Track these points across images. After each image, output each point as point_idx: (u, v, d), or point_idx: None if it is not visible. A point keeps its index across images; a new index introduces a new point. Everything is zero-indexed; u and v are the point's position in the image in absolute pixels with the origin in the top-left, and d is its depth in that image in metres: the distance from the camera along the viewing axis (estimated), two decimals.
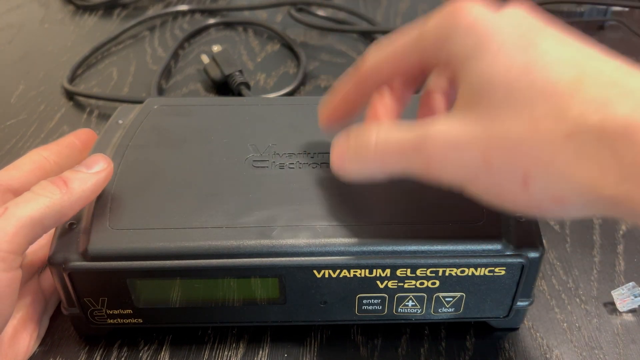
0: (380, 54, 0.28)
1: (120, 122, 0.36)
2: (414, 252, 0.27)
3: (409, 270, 0.28)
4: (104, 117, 0.50)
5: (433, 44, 0.25)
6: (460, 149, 0.23)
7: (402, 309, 0.29)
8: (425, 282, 0.28)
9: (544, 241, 0.28)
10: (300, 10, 0.64)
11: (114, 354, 0.31)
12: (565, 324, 0.32)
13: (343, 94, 0.30)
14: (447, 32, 0.24)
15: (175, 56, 0.59)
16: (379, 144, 0.25)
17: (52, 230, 0.28)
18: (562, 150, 0.20)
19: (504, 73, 0.22)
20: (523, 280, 0.28)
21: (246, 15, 0.67)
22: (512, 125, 0.21)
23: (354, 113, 0.30)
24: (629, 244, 0.37)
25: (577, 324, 0.32)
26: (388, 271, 0.28)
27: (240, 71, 0.52)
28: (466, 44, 0.23)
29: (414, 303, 0.29)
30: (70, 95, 0.53)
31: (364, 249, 0.27)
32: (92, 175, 0.28)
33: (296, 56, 0.58)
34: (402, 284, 0.28)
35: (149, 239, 0.28)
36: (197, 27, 0.63)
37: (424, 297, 0.29)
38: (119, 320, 0.30)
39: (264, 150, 0.33)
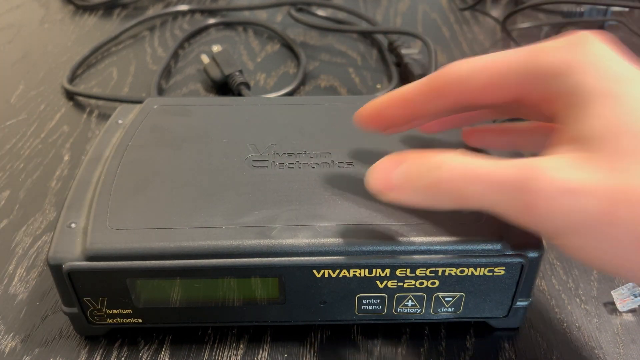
0: (475, 64, 0.25)
1: (120, 122, 0.36)
2: (414, 251, 0.27)
3: (408, 270, 0.28)
4: (104, 117, 0.50)
5: (547, 73, 0.23)
6: (579, 195, 0.20)
7: (402, 308, 0.29)
8: (424, 282, 0.28)
9: (543, 241, 0.28)
10: (300, 10, 0.64)
11: (114, 354, 0.31)
12: (565, 324, 0.32)
13: (406, 94, 0.26)
14: (567, 65, 0.22)
15: (175, 56, 0.59)
16: (458, 171, 0.22)
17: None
18: None
19: (632, 121, 0.20)
20: (523, 280, 0.28)
21: (246, 15, 0.67)
22: None
23: (407, 122, 0.27)
24: None
25: (577, 324, 0.32)
26: (387, 271, 0.28)
27: (240, 71, 0.52)
28: (587, 83, 0.21)
29: (413, 303, 0.29)
30: (70, 95, 0.53)
31: (364, 248, 0.27)
32: None
33: (296, 56, 0.58)
34: (401, 284, 0.28)
35: (149, 238, 0.28)
36: (197, 27, 0.63)
37: (423, 297, 0.29)
38: (118, 320, 0.30)
39: (263, 150, 0.33)
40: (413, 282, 0.28)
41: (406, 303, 0.29)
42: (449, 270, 0.28)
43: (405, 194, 0.24)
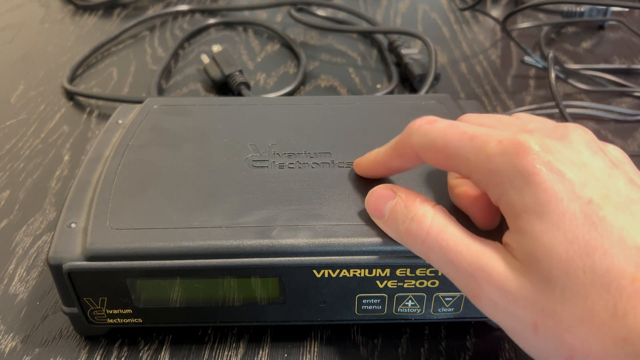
0: (430, 138, 0.25)
1: (120, 122, 0.36)
2: None
3: (408, 270, 0.28)
4: (104, 117, 0.50)
5: (488, 179, 0.23)
6: (513, 303, 0.22)
7: (402, 308, 0.29)
8: (424, 281, 0.28)
9: None
10: (300, 10, 0.64)
11: (114, 354, 0.31)
12: None
13: (380, 160, 0.29)
14: (502, 177, 0.22)
15: (175, 56, 0.59)
16: (429, 235, 0.24)
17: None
18: (615, 352, 0.19)
19: (564, 246, 0.20)
20: None
21: (246, 15, 0.67)
22: (565, 306, 0.20)
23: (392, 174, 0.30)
24: None
25: None
26: (388, 271, 0.28)
27: (240, 71, 0.52)
28: (525, 196, 0.22)
29: (413, 303, 0.29)
30: (70, 95, 0.53)
31: (364, 248, 0.27)
32: None
33: (296, 56, 0.58)
34: (401, 284, 0.28)
35: (149, 238, 0.28)
36: (197, 27, 0.63)
37: (423, 296, 0.29)
38: (118, 320, 0.30)
39: (263, 150, 0.33)
40: (413, 282, 0.28)
41: (406, 303, 0.29)
42: None
43: (389, 229, 0.27)
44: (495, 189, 0.23)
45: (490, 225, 0.27)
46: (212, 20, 0.64)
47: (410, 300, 0.29)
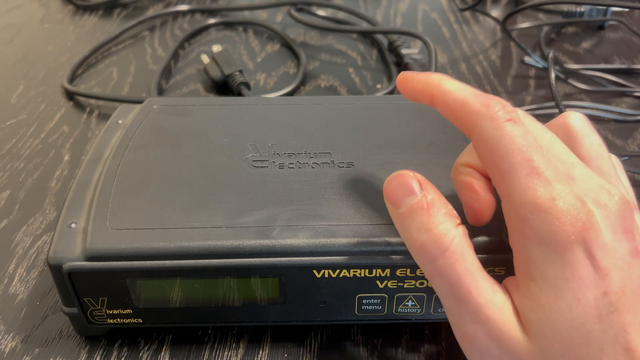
0: (490, 139, 0.23)
1: (120, 122, 0.36)
2: None
3: (408, 270, 0.28)
4: (104, 117, 0.50)
5: (519, 222, 0.22)
6: (498, 354, 0.22)
7: (402, 308, 0.29)
8: (425, 282, 0.28)
9: None
10: (300, 10, 0.64)
11: (114, 354, 0.31)
12: None
13: (435, 99, 0.25)
14: (539, 231, 0.21)
15: (175, 56, 0.59)
16: (446, 260, 0.23)
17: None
18: None
19: (570, 331, 0.21)
20: None
21: (246, 15, 0.67)
22: None
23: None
24: None
25: None
26: (388, 271, 0.28)
27: (240, 71, 0.52)
28: (549, 264, 0.21)
29: (413, 303, 0.29)
30: (70, 95, 0.53)
31: (364, 248, 0.27)
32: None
33: (296, 56, 0.58)
34: (401, 284, 0.28)
35: (149, 239, 0.28)
36: (197, 27, 0.63)
37: (423, 297, 0.29)
38: (118, 320, 0.30)
39: (263, 150, 0.33)
40: (413, 282, 0.28)
41: (406, 303, 0.29)
42: None
43: (400, 225, 0.24)
44: (520, 239, 0.22)
45: (478, 224, 0.27)
46: (212, 20, 0.64)
47: (410, 301, 0.29)
